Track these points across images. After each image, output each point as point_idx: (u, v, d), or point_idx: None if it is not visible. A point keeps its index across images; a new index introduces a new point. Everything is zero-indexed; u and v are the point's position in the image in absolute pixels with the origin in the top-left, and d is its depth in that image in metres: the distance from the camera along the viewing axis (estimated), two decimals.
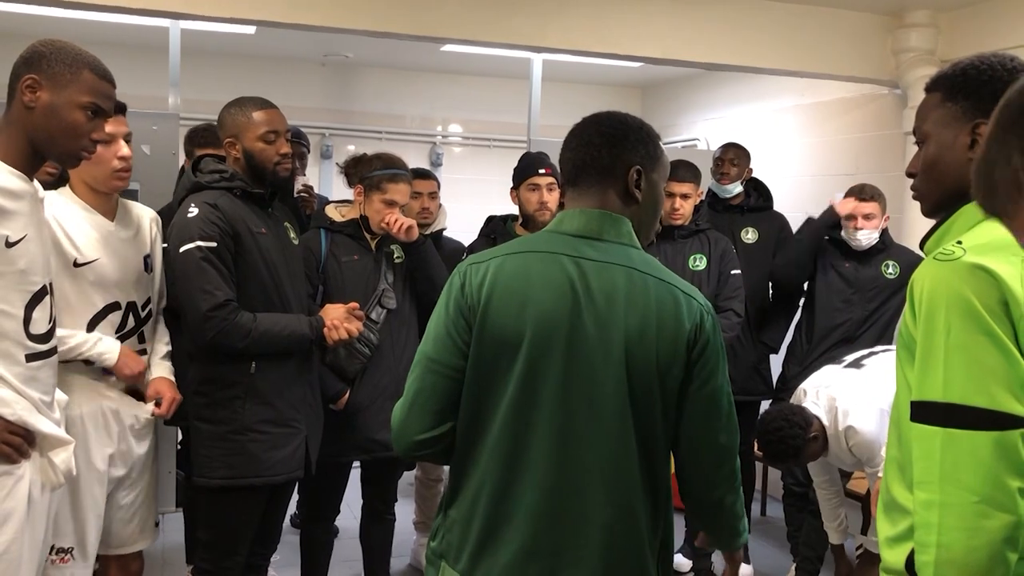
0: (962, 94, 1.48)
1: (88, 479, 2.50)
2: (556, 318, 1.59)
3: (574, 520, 1.58)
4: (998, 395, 1.27)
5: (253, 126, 2.65)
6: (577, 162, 1.70)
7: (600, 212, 1.66)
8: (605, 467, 1.59)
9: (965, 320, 1.30)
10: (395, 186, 3.15)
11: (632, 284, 1.61)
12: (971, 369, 1.29)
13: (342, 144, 6.57)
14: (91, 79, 2.02)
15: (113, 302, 2.55)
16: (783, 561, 4.27)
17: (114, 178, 2.54)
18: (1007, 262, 1.32)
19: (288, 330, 2.65)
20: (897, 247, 4.04)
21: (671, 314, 1.60)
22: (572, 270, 1.61)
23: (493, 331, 1.61)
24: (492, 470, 1.61)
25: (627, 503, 1.60)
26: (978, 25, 4.38)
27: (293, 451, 2.71)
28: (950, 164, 1.49)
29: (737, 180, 4.21)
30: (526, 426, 1.59)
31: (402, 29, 3.98)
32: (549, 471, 1.58)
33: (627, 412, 1.59)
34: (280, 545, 3.16)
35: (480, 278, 1.64)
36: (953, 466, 1.28)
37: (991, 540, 1.25)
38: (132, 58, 5.41)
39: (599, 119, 1.72)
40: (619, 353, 1.58)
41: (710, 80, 6.44)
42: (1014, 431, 1.26)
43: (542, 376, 1.58)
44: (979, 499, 1.26)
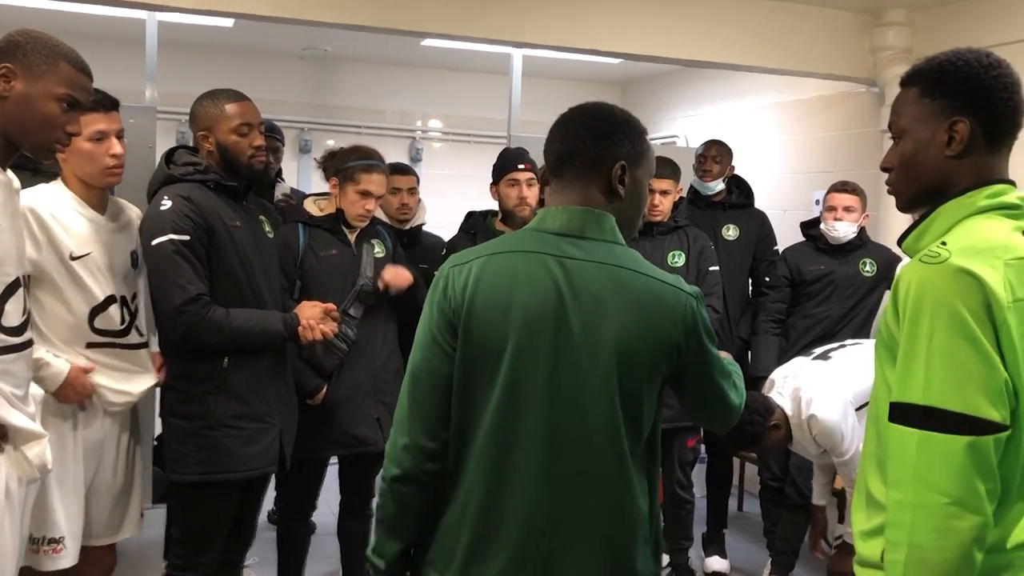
0: (940, 90, 1.48)
1: (69, 467, 2.50)
2: (541, 320, 1.56)
3: (565, 524, 1.57)
4: (976, 400, 1.30)
5: (226, 119, 2.63)
6: (562, 154, 1.66)
7: (583, 209, 1.63)
8: (595, 470, 1.57)
9: (949, 325, 1.32)
10: (369, 176, 3.14)
11: (618, 282, 1.59)
12: (952, 374, 1.32)
13: (321, 139, 6.54)
14: (68, 71, 1.99)
15: (110, 295, 2.55)
16: (760, 556, 4.29)
17: (106, 175, 2.56)
18: (991, 265, 1.35)
19: (261, 327, 2.63)
20: (874, 245, 4.07)
21: (659, 310, 1.59)
22: (556, 270, 1.58)
23: (477, 334, 1.58)
24: (480, 477, 1.59)
25: (619, 504, 1.58)
26: (954, 24, 4.42)
27: (267, 446, 2.70)
28: (927, 161, 1.50)
29: (719, 177, 4.22)
30: (513, 431, 1.57)
31: (381, 23, 3.96)
32: (538, 476, 1.56)
33: (617, 413, 1.56)
34: (257, 542, 3.14)
35: (463, 280, 1.61)
36: (927, 468, 1.31)
37: (962, 541, 1.29)
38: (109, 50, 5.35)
39: (586, 110, 1.69)
40: (607, 354, 1.55)
41: (690, 77, 6.46)
42: (988, 436, 1.30)
43: (528, 380, 1.56)
44: (950, 501, 1.29)
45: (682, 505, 3.98)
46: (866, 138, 4.94)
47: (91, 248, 2.51)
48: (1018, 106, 1.48)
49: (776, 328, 4.07)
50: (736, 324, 4.18)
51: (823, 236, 4.00)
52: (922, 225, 1.51)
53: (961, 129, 1.45)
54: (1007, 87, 1.46)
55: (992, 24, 4.21)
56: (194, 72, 5.92)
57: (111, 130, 2.52)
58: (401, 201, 3.77)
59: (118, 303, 2.57)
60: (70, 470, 2.52)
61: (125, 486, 2.71)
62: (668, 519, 4.09)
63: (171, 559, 2.72)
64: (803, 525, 3.97)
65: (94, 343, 2.54)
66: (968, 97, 1.46)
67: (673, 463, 3.95)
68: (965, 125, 1.45)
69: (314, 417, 3.07)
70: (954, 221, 1.45)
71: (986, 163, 1.48)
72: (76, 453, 2.55)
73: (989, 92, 1.45)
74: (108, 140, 2.52)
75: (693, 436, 3.98)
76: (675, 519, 4.02)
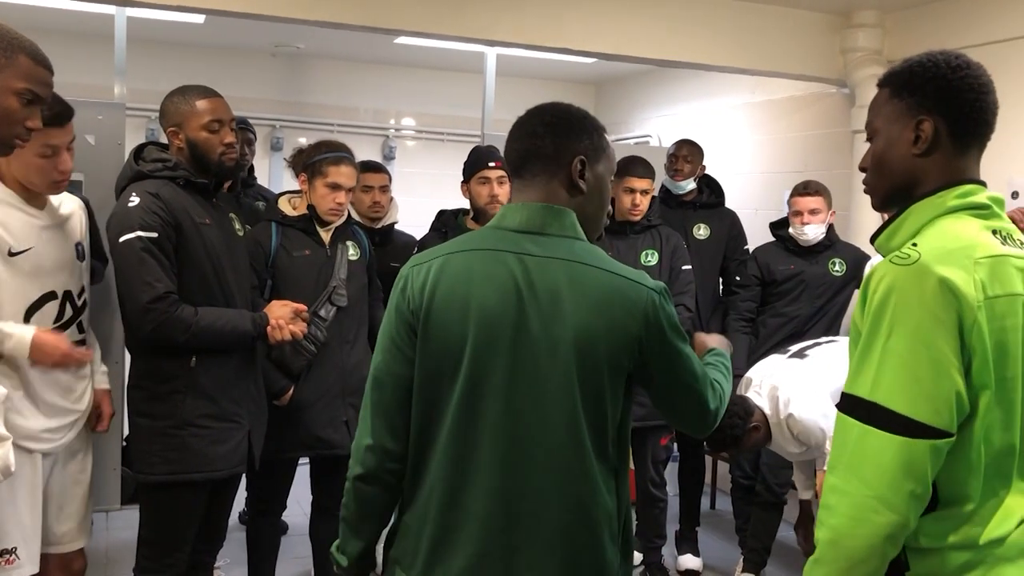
0: (907, 90, 1.52)
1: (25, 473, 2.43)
2: (500, 319, 1.57)
3: (528, 521, 1.57)
4: (919, 406, 1.35)
5: (196, 115, 2.59)
6: (522, 152, 1.68)
7: (542, 205, 1.64)
8: (557, 466, 1.57)
9: (907, 328, 1.36)
10: (337, 169, 3.11)
11: (576, 278, 1.58)
12: (901, 376, 1.36)
13: (293, 136, 6.48)
14: (27, 64, 1.92)
15: (49, 291, 2.48)
16: (732, 553, 4.32)
17: (52, 187, 2.50)
18: (960, 266, 1.38)
19: (231, 326, 2.60)
20: (843, 244, 4.10)
21: (617, 305, 1.58)
22: (515, 268, 1.59)
23: (437, 334, 1.59)
24: (441, 475, 1.60)
25: (582, 500, 1.59)
26: (924, 26, 4.47)
27: (235, 446, 2.67)
28: (896, 159, 1.53)
29: (691, 177, 4.24)
30: (473, 430, 1.57)
31: (354, 20, 3.94)
32: (498, 474, 1.56)
33: (577, 410, 1.57)
34: (228, 543, 3.12)
35: (422, 280, 1.62)
36: (860, 459, 1.37)
37: (874, 533, 1.35)
38: (77, 46, 5.30)
39: (543, 109, 1.70)
40: (567, 351, 1.56)
41: (663, 77, 6.49)
42: (923, 440, 1.35)
43: (487, 379, 1.57)
44: (873, 495, 1.35)
45: (655, 503, 4.00)
46: (837, 138, 4.99)
47: (32, 243, 2.43)
48: (986, 107, 1.50)
49: (746, 327, 4.10)
50: (707, 322, 4.20)
51: (792, 237, 4.03)
52: (894, 224, 1.53)
53: (926, 128, 1.49)
54: (973, 88, 1.49)
55: (962, 26, 4.26)
56: (164, 69, 5.85)
57: (62, 144, 2.45)
58: (373, 199, 3.76)
59: (58, 299, 2.51)
60: (25, 476, 2.43)
61: (80, 491, 2.64)
62: (641, 517, 4.11)
63: (140, 560, 2.69)
64: (774, 522, 4.00)
65: None
66: (934, 97, 1.49)
67: (646, 461, 3.97)
68: (930, 124, 1.49)
69: (282, 417, 3.04)
70: (925, 221, 1.48)
71: (954, 163, 1.51)
72: (33, 458, 2.47)
73: (955, 92, 1.48)
74: (59, 155, 2.44)
75: (666, 435, 4.00)
76: (648, 517, 4.04)
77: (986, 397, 1.38)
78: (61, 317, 2.53)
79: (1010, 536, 1.43)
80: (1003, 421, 1.42)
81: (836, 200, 4.07)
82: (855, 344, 1.46)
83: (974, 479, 1.41)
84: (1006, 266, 1.42)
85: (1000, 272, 1.41)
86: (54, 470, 2.58)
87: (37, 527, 2.50)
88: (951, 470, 1.40)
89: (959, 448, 1.39)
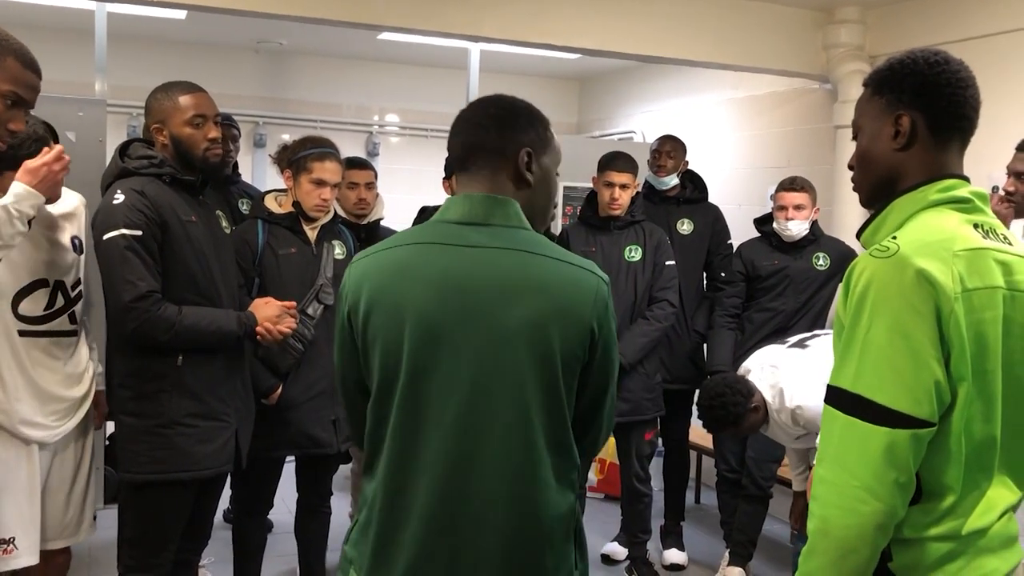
0: (887, 87, 1.55)
1: (22, 465, 2.47)
2: (439, 314, 1.52)
3: (472, 523, 1.51)
4: (899, 396, 1.37)
5: (180, 111, 2.58)
6: (467, 145, 1.64)
7: (485, 196, 1.59)
8: (504, 467, 1.51)
9: (886, 320, 1.39)
10: (322, 164, 3.10)
11: (525, 267, 1.54)
12: (880, 367, 1.39)
13: (276, 133, 6.47)
14: (14, 67, 1.92)
15: (40, 279, 2.52)
16: (717, 547, 4.34)
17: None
18: (939, 258, 1.40)
19: (215, 326, 2.59)
20: (827, 239, 4.12)
21: (570, 293, 1.54)
22: (456, 260, 1.54)
23: (373, 332, 1.55)
24: (386, 475, 1.56)
25: (531, 503, 1.53)
26: (905, 22, 4.50)
27: (222, 445, 2.66)
28: (878, 154, 1.56)
29: (674, 172, 4.25)
30: (415, 429, 1.53)
31: (337, 16, 3.93)
32: (442, 475, 1.51)
33: (528, 404, 1.51)
34: (213, 542, 3.11)
35: (358, 277, 1.59)
36: (845, 450, 1.40)
37: (862, 523, 1.38)
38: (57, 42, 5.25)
39: (486, 102, 1.68)
40: (517, 343, 1.50)
41: (646, 73, 6.50)
42: (905, 430, 1.37)
43: (428, 376, 1.52)
44: (859, 485, 1.38)
45: (640, 498, 4.01)
46: (819, 134, 5.01)
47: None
48: (965, 101, 1.52)
49: (732, 323, 4.12)
50: (692, 318, 4.22)
51: (776, 233, 4.05)
52: (878, 219, 1.56)
53: (904, 122, 1.52)
54: (951, 82, 1.51)
55: (943, 21, 4.29)
56: (146, 65, 5.83)
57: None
58: (358, 196, 3.74)
59: (49, 287, 2.54)
60: (23, 467, 2.48)
61: (80, 486, 2.68)
62: (626, 512, 4.13)
63: (124, 560, 2.68)
64: (760, 515, 4.02)
65: (22, 331, 2.50)
66: (911, 92, 1.52)
67: (631, 457, 3.98)
68: (907, 118, 1.52)
69: (269, 416, 3.03)
70: (907, 215, 1.51)
71: (935, 157, 1.53)
72: (30, 449, 2.51)
73: (932, 87, 1.51)
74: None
75: (651, 429, 4.01)
76: (633, 512, 4.05)
77: (964, 388, 1.40)
78: (52, 304, 2.56)
79: (992, 527, 1.45)
80: (983, 413, 1.43)
81: (819, 195, 4.09)
82: (839, 336, 1.48)
83: (955, 470, 1.42)
84: (986, 259, 1.44)
85: (979, 265, 1.43)
86: (52, 463, 2.60)
87: (36, 518, 2.52)
88: (932, 461, 1.42)
89: (940, 439, 1.41)
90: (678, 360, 4.18)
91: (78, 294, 2.64)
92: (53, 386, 2.56)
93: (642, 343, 3.78)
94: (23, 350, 2.50)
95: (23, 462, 2.49)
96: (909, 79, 1.52)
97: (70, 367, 2.63)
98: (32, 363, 2.52)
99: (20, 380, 2.49)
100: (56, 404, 2.57)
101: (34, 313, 2.53)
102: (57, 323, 2.58)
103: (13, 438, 2.47)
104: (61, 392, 2.59)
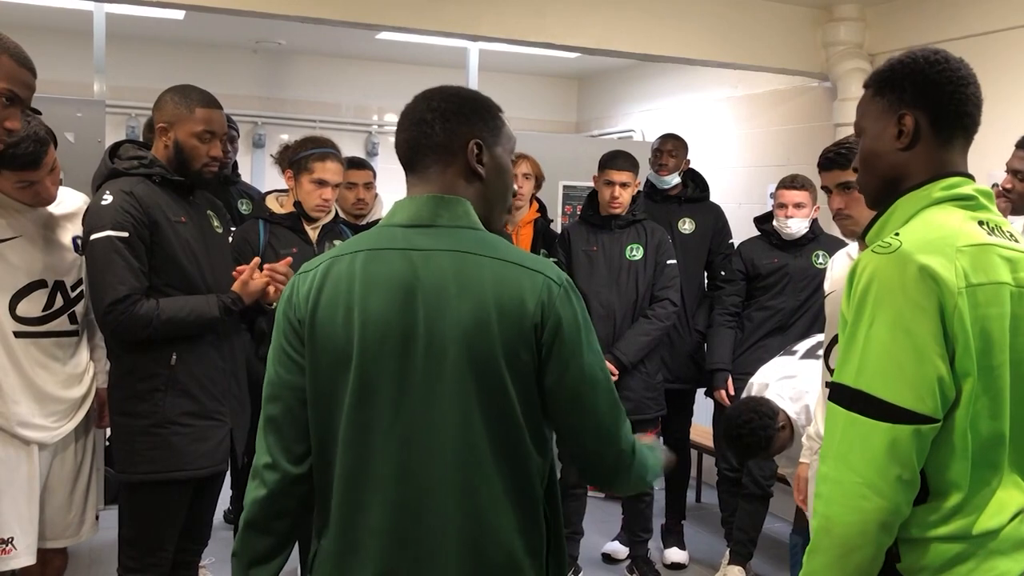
0: (888, 87, 1.55)
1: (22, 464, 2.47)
2: (385, 323, 1.45)
3: (426, 536, 1.46)
4: (902, 392, 1.37)
5: (192, 121, 2.57)
6: (412, 143, 1.56)
7: (431, 196, 1.51)
8: (452, 476, 1.45)
9: (888, 315, 1.38)
10: (323, 164, 3.10)
11: (463, 269, 1.46)
12: (883, 363, 1.38)
13: (275, 133, 6.47)
14: (9, 65, 1.93)
15: (39, 279, 2.53)
16: (718, 547, 4.34)
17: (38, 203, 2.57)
18: (942, 254, 1.40)
19: (195, 315, 2.55)
20: (827, 237, 4.12)
21: (510, 295, 1.45)
22: (401, 265, 1.47)
23: (323, 344, 1.48)
24: (341, 492, 1.49)
25: (484, 510, 1.46)
26: (904, 19, 4.50)
27: (217, 444, 2.66)
28: (881, 155, 1.56)
29: (675, 171, 4.25)
30: (366, 443, 1.47)
31: (336, 16, 3.93)
32: (395, 487, 1.45)
33: (474, 411, 1.44)
34: (213, 541, 3.10)
35: (307, 287, 1.52)
36: (848, 447, 1.39)
37: (864, 520, 1.37)
38: (56, 42, 5.25)
39: (429, 94, 1.57)
40: (456, 348, 1.44)
41: (646, 72, 6.49)
42: (908, 426, 1.36)
43: (376, 387, 1.46)
44: (862, 482, 1.37)
45: (641, 497, 4.01)
46: (819, 132, 5.00)
47: (18, 232, 2.49)
48: (966, 99, 1.52)
49: (731, 321, 4.11)
50: (693, 316, 4.22)
51: (776, 231, 4.05)
52: (883, 218, 1.55)
53: (907, 122, 1.52)
54: (952, 80, 1.51)
55: (942, 19, 4.28)
56: (144, 66, 5.83)
57: (39, 179, 2.50)
58: (357, 196, 3.74)
59: (48, 288, 2.55)
60: (22, 467, 2.48)
61: (81, 486, 2.68)
62: (627, 511, 4.13)
63: (123, 560, 2.68)
64: (761, 514, 4.01)
65: (19, 332, 2.50)
66: (912, 91, 1.52)
67: None
68: (911, 117, 1.52)
69: None
70: (911, 213, 1.50)
71: (938, 155, 1.53)
72: (30, 449, 2.51)
73: (933, 85, 1.51)
74: (39, 184, 2.51)
75: (652, 429, 4.01)
76: (634, 511, 4.05)
77: (969, 384, 1.39)
78: (51, 305, 2.57)
79: (1004, 529, 1.44)
80: (990, 409, 1.43)
81: (820, 193, 4.08)
82: (842, 333, 1.47)
83: (961, 467, 1.41)
84: (990, 255, 1.43)
85: (984, 260, 1.42)
86: (52, 464, 2.60)
87: (34, 518, 2.53)
88: (937, 458, 1.41)
89: (944, 436, 1.40)
90: (679, 359, 4.18)
91: (79, 294, 2.65)
92: (52, 387, 2.57)
93: (643, 342, 3.78)
94: (20, 351, 2.50)
95: (23, 462, 2.49)
96: (910, 78, 1.52)
97: (70, 367, 2.64)
98: (30, 364, 2.53)
99: (17, 382, 2.49)
100: (55, 405, 2.58)
101: (32, 314, 2.53)
102: (56, 323, 2.58)
103: (13, 438, 2.48)
104: (60, 393, 2.59)
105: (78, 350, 2.67)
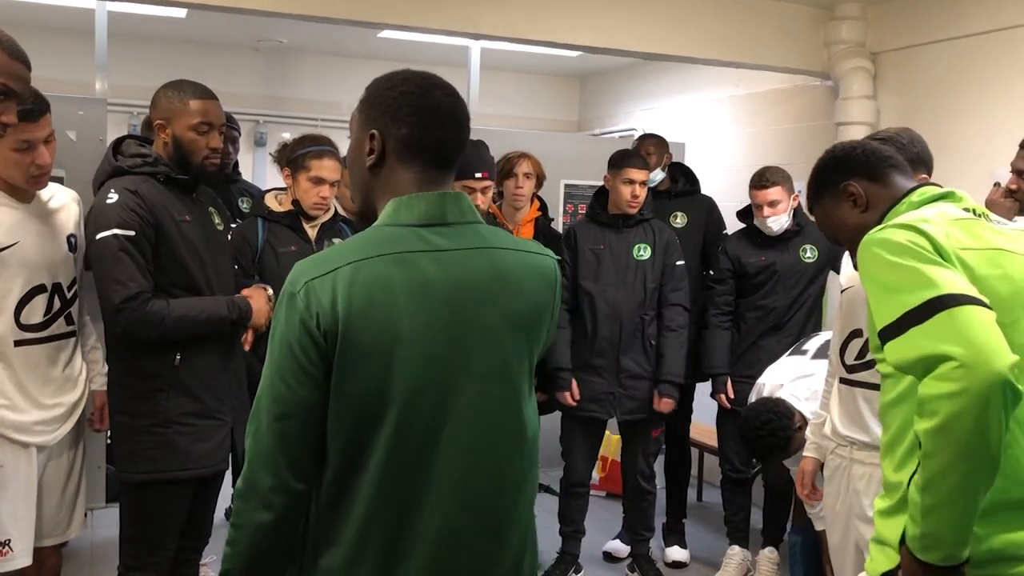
0: (825, 185, 1.98)
1: (20, 466, 2.46)
2: (428, 329, 1.42)
3: (484, 550, 1.48)
4: (941, 282, 1.47)
5: (187, 114, 2.56)
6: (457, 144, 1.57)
7: (440, 193, 1.50)
8: (508, 477, 1.50)
9: (887, 252, 1.56)
10: (320, 162, 3.11)
11: (496, 265, 1.49)
12: (906, 276, 1.52)
13: (276, 131, 6.46)
14: (2, 58, 1.89)
15: (38, 284, 2.50)
16: (719, 545, 4.33)
17: (31, 182, 2.49)
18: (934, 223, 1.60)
19: (206, 314, 2.57)
20: (813, 227, 4.04)
21: (538, 282, 1.53)
22: (432, 268, 1.43)
23: (360, 353, 1.39)
24: (381, 508, 1.42)
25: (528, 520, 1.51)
26: (906, 18, 4.49)
27: (218, 443, 2.66)
28: (849, 226, 1.90)
29: (658, 167, 4.24)
30: (417, 455, 1.43)
31: (338, 14, 3.93)
32: (452, 493, 1.44)
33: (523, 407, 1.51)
34: (215, 540, 3.11)
35: (330, 294, 1.39)
36: (957, 335, 1.43)
37: (993, 375, 1.39)
38: (58, 41, 5.25)
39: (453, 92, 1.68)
40: (506, 345, 1.47)
41: (647, 71, 6.49)
42: (965, 306, 1.45)
43: (430, 397, 1.42)
44: (975, 353, 1.40)
45: (644, 496, 4.01)
46: (821, 131, 4.99)
47: (18, 238, 2.44)
48: (878, 155, 1.88)
49: (726, 321, 4.06)
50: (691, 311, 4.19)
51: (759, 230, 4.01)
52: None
53: (854, 191, 1.87)
54: (867, 151, 1.91)
55: (944, 18, 4.28)
56: (146, 64, 5.83)
57: (38, 139, 2.42)
58: None
59: (47, 292, 2.52)
60: (20, 470, 2.47)
61: (72, 485, 2.68)
62: (629, 510, 4.12)
63: (124, 559, 2.68)
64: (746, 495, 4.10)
65: (20, 340, 2.47)
66: (838, 172, 1.91)
67: (637, 455, 3.98)
68: (855, 187, 1.87)
69: None
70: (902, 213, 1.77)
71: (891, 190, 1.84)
72: (28, 452, 2.50)
73: (853, 162, 1.90)
74: (35, 149, 2.43)
75: (656, 427, 4.00)
76: (637, 510, 4.05)
77: None
78: (50, 310, 2.54)
79: None
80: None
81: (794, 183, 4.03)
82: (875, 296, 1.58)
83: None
84: (982, 227, 1.64)
85: (975, 230, 1.62)
86: (48, 464, 2.60)
87: (31, 520, 2.51)
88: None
89: None
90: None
91: (74, 294, 2.62)
92: (48, 395, 2.54)
93: (683, 355, 3.88)
94: (20, 358, 2.46)
95: (21, 464, 2.47)
96: (840, 164, 1.93)
97: (68, 371, 2.62)
98: (28, 370, 2.49)
99: (12, 389, 2.46)
100: (52, 411, 2.55)
101: (34, 320, 2.50)
102: (55, 327, 2.56)
103: (11, 442, 2.46)
104: (57, 399, 2.57)
105: (74, 352, 2.66)
